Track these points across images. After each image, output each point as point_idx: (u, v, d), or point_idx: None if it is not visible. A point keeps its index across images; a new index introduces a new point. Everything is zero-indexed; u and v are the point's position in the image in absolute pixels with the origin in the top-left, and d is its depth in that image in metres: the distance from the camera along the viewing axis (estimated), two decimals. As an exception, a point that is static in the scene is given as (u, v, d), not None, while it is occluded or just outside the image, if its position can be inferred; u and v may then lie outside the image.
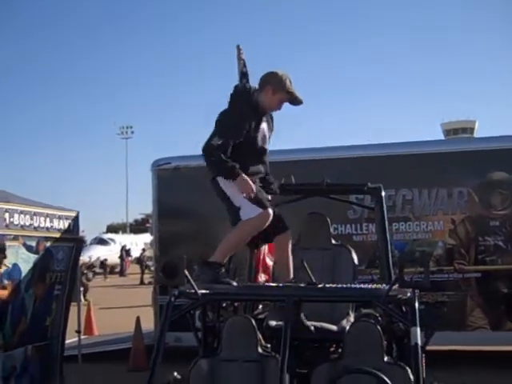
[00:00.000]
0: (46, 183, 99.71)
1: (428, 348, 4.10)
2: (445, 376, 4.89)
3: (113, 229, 64.24)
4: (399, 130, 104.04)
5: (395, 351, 4.64)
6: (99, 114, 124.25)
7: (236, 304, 5.26)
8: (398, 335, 4.62)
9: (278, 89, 4.75)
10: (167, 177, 11.02)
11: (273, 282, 5.41)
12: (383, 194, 5.62)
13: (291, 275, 4.83)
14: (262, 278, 5.85)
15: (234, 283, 4.66)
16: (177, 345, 9.02)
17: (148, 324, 10.93)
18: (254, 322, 4.44)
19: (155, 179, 11.11)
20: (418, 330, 3.70)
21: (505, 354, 9.03)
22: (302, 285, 4.48)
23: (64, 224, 9.71)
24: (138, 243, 38.73)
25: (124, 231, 56.59)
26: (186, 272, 4.01)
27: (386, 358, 4.13)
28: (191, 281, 4.06)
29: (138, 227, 63.98)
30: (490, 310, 9.55)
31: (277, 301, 4.53)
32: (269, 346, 4.58)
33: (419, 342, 3.66)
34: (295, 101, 4.83)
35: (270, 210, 4.68)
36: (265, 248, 5.94)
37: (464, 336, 9.68)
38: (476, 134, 65.85)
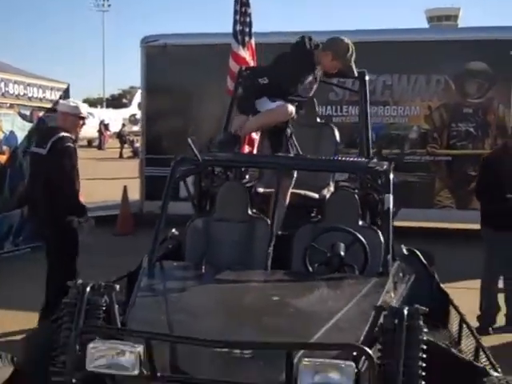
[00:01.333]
0: (21, 51, 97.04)
1: (401, 224, 4.64)
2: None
3: (89, 103, 63.60)
4: (386, 17, 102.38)
5: (369, 218, 5.14)
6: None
7: (228, 173, 5.73)
8: (373, 205, 5.07)
9: (338, 57, 4.95)
10: (155, 54, 11.18)
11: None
12: (367, 78, 5.98)
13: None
14: (246, 149, 6.27)
15: None
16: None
17: (131, 194, 11.45)
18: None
19: (143, 56, 11.27)
20: (391, 196, 4.17)
21: (468, 231, 9.79)
22: (292, 155, 4.94)
23: (56, 95, 10.00)
24: (117, 118, 38.74)
25: (101, 106, 56.13)
26: (190, 141, 4.42)
27: (360, 223, 4.66)
28: (194, 148, 4.46)
29: (114, 102, 63.54)
30: (457, 191, 10.20)
31: (270, 168, 4.95)
32: (255, 210, 5.08)
33: (391, 207, 4.14)
34: (348, 74, 5.08)
35: (291, 107, 4.96)
36: None
37: (432, 213, 10.41)
38: (460, 22, 64.98)
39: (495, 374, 3.47)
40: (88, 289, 3.08)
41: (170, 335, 2.93)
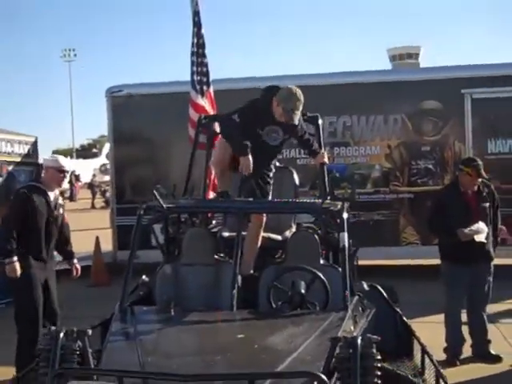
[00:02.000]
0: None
1: (366, 263, 4.84)
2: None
3: (58, 154, 63.21)
4: (350, 58, 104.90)
5: (331, 257, 5.34)
6: (40, 37, 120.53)
7: (194, 219, 5.95)
8: (333, 244, 5.26)
9: (279, 102, 5.15)
10: (121, 103, 11.43)
11: None
12: (320, 121, 6.28)
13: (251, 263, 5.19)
14: (211, 195, 6.51)
15: None
16: (134, 262, 9.72)
17: (104, 245, 11.49)
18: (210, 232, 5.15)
19: (109, 106, 11.50)
20: (346, 234, 4.42)
21: (434, 266, 10.01)
22: (251, 199, 5.19)
23: (24, 149, 10.15)
24: (87, 168, 38.77)
25: (71, 156, 56.03)
26: (155, 190, 4.65)
27: (321, 261, 4.90)
28: (158, 197, 4.69)
29: (84, 152, 63.45)
30: (421, 227, 10.21)
31: (230, 212, 5.19)
32: (222, 254, 5.30)
33: (346, 244, 4.40)
34: (287, 120, 5.18)
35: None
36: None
37: (398, 250, 10.61)
38: (421, 59, 66.56)
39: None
40: (61, 335, 3.27)
41: (141, 372, 3.12)
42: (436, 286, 6.76)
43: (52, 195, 6.12)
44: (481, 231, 6.17)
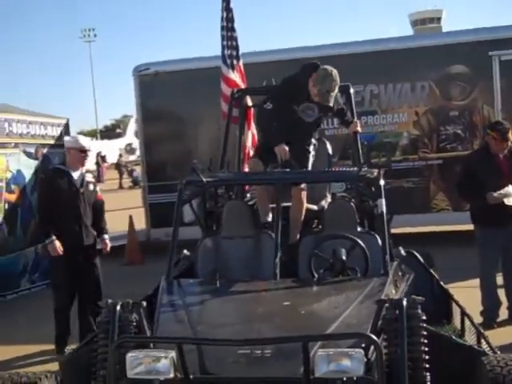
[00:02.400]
0: (7, 86, 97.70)
1: (398, 231, 4.92)
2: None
3: (83, 136, 63.73)
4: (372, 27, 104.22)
5: (366, 224, 5.44)
6: (60, 17, 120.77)
7: (230, 193, 6.07)
8: (368, 211, 5.38)
9: (315, 83, 5.30)
10: (148, 82, 11.52)
11: None
12: (352, 91, 6.34)
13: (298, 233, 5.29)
14: (247, 169, 6.63)
15: None
16: (168, 239, 9.87)
17: (136, 224, 11.61)
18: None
19: (137, 84, 11.60)
20: (384, 201, 4.50)
21: (465, 232, 10.02)
22: (288, 170, 5.28)
23: (57, 131, 10.32)
24: (113, 149, 39.08)
25: (95, 138, 56.49)
26: (194, 164, 4.77)
27: (358, 229, 4.99)
28: (198, 171, 4.80)
29: (108, 133, 63.87)
30: (451, 193, 10.17)
31: (269, 184, 5.31)
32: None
33: (384, 210, 4.48)
34: (322, 101, 5.31)
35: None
36: (250, 142, 6.74)
37: (429, 217, 10.66)
38: (443, 24, 65.69)
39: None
40: (118, 307, 3.42)
41: (198, 338, 3.28)
42: (469, 251, 6.81)
43: (77, 175, 6.30)
44: (510, 194, 6.22)
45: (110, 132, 64.83)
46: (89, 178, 6.46)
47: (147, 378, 3.04)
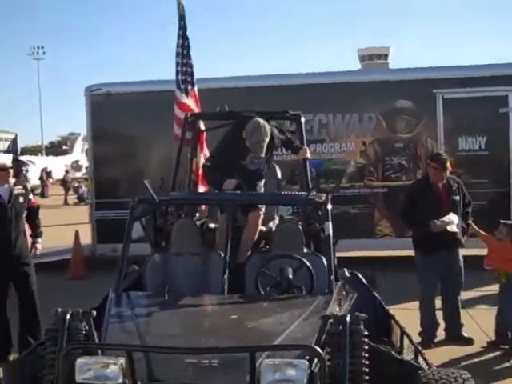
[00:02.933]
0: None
1: (343, 255, 5.11)
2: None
3: (28, 151, 62.82)
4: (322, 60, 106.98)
5: (312, 247, 5.59)
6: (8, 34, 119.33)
7: (180, 212, 6.16)
8: (314, 234, 5.53)
9: (246, 136, 5.65)
10: (100, 102, 11.54)
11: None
12: (303, 119, 6.56)
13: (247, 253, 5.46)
14: (201, 189, 6.74)
15: None
16: (113, 255, 9.88)
17: (82, 239, 11.51)
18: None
19: (88, 104, 11.62)
20: (330, 224, 4.67)
21: (407, 258, 10.28)
22: (239, 192, 5.41)
23: (4, 145, 10.21)
24: (59, 165, 38.58)
25: (40, 153, 55.57)
26: (147, 183, 4.84)
27: (305, 250, 5.14)
28: (150, 190, 4.88)
29: (54, 149, 62.91)
30: (395, 220, 10.36)
31: (219, 204, 5.42)
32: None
33: (331, 233, 4.66)
34: (254, 151, 5.63)
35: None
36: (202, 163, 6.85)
37: (373, 243, 10.96)
38: (390, 60, 67.29)
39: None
40: (68, 316, 3.46)
41: (148, 346, 3.34)
42: (409, 276, 7.04)
43: (4, 190, 6.46)
44: (452, 222, 6.49)
45: (56, 148, 63.87)
46: (18, 190, 6.60)
47: (96, 383, 3.08)
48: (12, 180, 6.60)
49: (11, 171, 6.56)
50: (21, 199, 6.55)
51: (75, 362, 3.09)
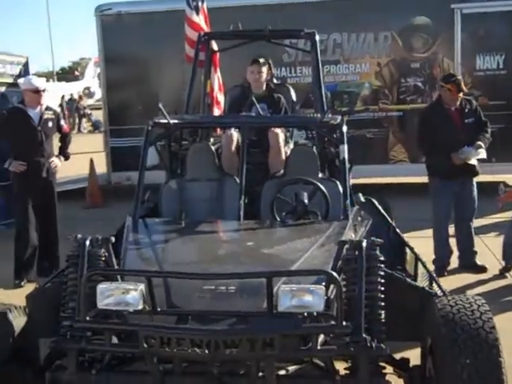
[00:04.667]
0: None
1: (356, 181, 5.09)
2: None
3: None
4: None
5: (327, 172, 5.54)
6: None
7: (195, 136, 6.12)
8: (329, 159, 5.49)
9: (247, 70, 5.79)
10: (110, 22, 11.31)
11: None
12: (317, 38, 6.38)
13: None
14: (215, 111, 6.67)
15: None
16: (128, 183, 9.93)
17: (97, 168, 11.56)
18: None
19: (99, 25, 11.36)
20: (346, 146, 4.63)
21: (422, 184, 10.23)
22: (253, 114, 5.35)
23: (16, 69, 10.13)
24: (72, 91, 38.18)
25: (52, 80, 55.01)
26: (161, 107, 4.79)
27: (320, 175, 5.11)
28: (165, 113, 4.83)
29: (65, 75, 62.20)
30: (409, 145, 10.41)
31: (235, 127, 5.38)
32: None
33: (346, 157, 4.60)
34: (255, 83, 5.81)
35: None
36: (216, 86, 6.77)
37: (387, 168, 10.86)
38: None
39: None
40: (87, 242, 3.50)
41: (167, 272, 3.40)
42: (424, 202, 7.03)
43: (35, 113, 6.69)
44: (472, 155, 6.36)
45: (67, 74, 63.17)
46: (48, 115, 6.79)
47: (117, 309, 3.15)
48: (44, 104, 6.80)
49: (43, 94, 6.70)
50: (50, 123, 6.76)
51: (96, 288, 3.15)
